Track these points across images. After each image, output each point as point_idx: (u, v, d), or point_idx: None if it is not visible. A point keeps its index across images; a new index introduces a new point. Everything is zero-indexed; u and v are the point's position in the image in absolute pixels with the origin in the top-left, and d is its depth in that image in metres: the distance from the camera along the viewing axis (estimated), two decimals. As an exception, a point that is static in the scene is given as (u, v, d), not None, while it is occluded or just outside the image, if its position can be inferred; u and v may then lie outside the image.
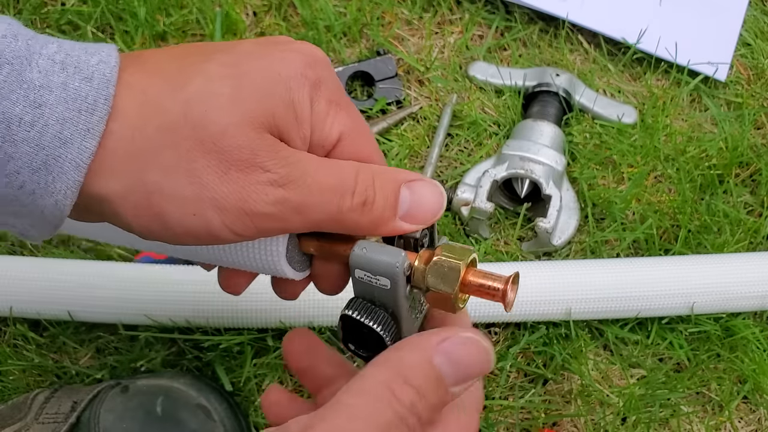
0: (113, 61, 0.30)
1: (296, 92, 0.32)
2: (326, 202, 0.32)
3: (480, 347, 0.33)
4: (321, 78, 0.34)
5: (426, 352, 0.32)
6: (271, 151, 0.31)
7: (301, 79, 0.33)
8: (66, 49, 0.29)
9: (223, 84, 0.31)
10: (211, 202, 0.31)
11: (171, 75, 0.31)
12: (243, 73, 0.32)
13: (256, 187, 0.31)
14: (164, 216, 0.31)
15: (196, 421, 0.52)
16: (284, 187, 0.31)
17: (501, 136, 0.69)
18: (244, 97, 0.31)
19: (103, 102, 0.29)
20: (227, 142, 0.30)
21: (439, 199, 0.35)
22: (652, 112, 0.70)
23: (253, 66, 0.32)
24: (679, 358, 0.62)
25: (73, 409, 0.52)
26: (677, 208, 0.66)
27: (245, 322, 0.58)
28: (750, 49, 0.75)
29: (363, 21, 0.73)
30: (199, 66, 0.32)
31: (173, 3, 0.72)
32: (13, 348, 0.60)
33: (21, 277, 0.58)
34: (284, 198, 0.31)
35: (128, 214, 0.31)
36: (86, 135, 0.29)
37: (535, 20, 0.75)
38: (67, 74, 0.29)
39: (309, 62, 0.33)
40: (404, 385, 0.31)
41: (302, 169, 0.32)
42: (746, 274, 0.61)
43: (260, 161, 0.31)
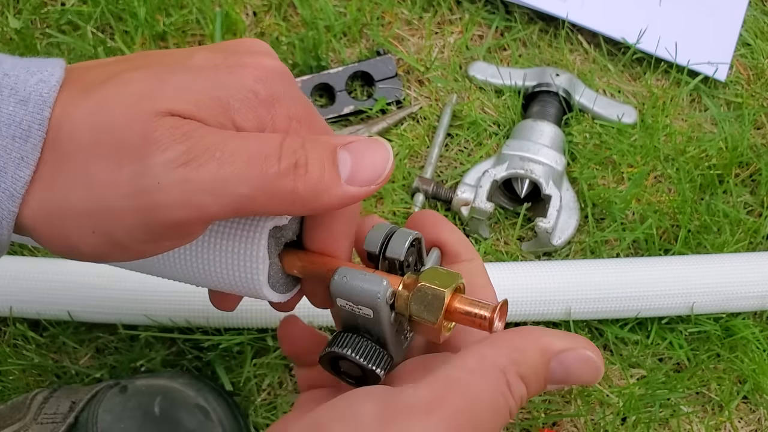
0: (54, 80, 0.28)
1: (236, 100, 0.29)
2: (246, 172, 0.27)
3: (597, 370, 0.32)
4: (275, 94, 0.30)
5: (546, 356, 0.31)
6: (168, 128, 0.27)
7: (248, 93, 0.29)
8: (5, 69, 0.27)
9: (137, 87, 0.28)
10: (106, 213, 0.27)
11: (91, 84, 0.28)
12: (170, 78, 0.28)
13: (155, 172, 0.27)
14: (67, 237, 0.28)
15: (194, 421, 0.52)
16: (186, 165, 0.27)
17: (501, 136, 0.69)
18: (159, 94, 0.28)
19: (37, 128, 0.27)
20: (126, 136, 0.27)
21: (384, 154, 0.30)
22: (651, 112, 0.70)
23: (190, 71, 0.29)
24: (679, 358, 0.62)
25: (72, 409, 0.52)
26: (677, 208, 0.66)
27: (245, 322, 0.58)
28: (750, 49, 0.75)
29: (363, 21, 0.73)
30: (121, 75, 0.29)
31: (173, 3, 0.72)
32: (13, 348, 0.60)
33: (21, 277, 0.58)
34: (188, 178, 0.27)
35: (44, 240, 0.29)
36: (20, 164, 0.27)
37: (535, 20, 0.75)
38: (2, 97, 0.27)
39: (262, 77, 0.30)
40: (520, 381, 0.30)
41: (208, 142, 0.27)
42: (746, 274, 0.61)
43: (154, 140, 0.27)
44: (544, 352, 0.31)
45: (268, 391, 0.60)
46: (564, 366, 0.31)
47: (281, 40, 0.72)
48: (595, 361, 0.31)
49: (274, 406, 0.59)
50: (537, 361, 0.30)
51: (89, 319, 0.59)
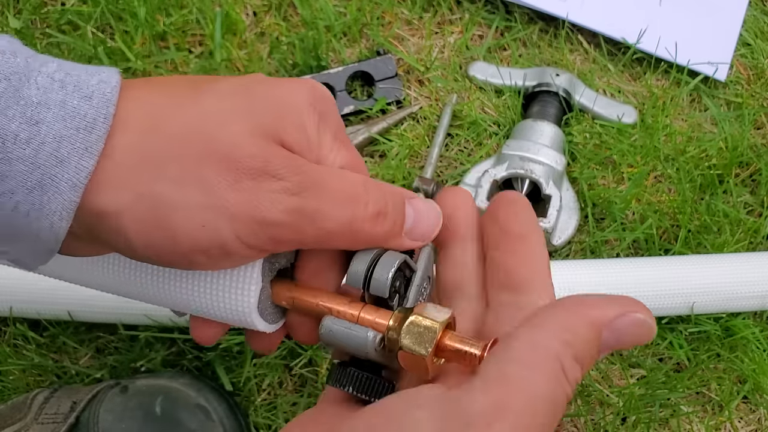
0: (114, 81, 0.29)
1: (306, 119, 0.32)
2: (340, 211, 0.31)
3: (650, 330, 0.30)
4: (326, 112, 0.33)
5: (598, 329, 0.29)
6: (284, 159, 0.30)
7: (310, 109, 0.32)
8: (66, 69, 0.29)
9: (235, 101, 0.31)
10: (221, 211, 0.29)
11: (181, 92, 0.31)
12: (254, 94, 0.31)
13: (269, 195, 0.30)
14: (171, 227, 0.29)
15: (195, 421, 0.52)
16: (298, 195, 0.30)
17: (501, 136, 0.69)
18: (258, 111, 0.31)
19: (102, 120, 0.28)
20: (239, 152, 0.30)
21: (437, 217, 0.35)
22: (652, 112, 0.70)
23: (263, 89, 0.32)
24: (679, 358, 0.62)
25: (73, 409, 0.52)
26: (677, 208, 0.66)
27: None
28: (750, 49, 0.75)
29: (363, 21, 0.73)
30: (210, 85, 0.31)
31: (173, 3, 0.72)
32: (13, 348, 0.60)
33: (21, 277, 0.58)
34: (299, 206, 0.30)
35: (131, 229, 0.29)
36: (84, 154, 0.28)
37: (535, 20, 0.75)
38: (66, 92, 0.28)
39: (316, 96, 0.33)
40: (575, 363, 0.29)
41: (316, 177, 0.31)
42: (746, 274, 0.61)
43: (273, 169, 0.30)
44: (595, 325, 0.29)
45: (268, 391, 0.60)
46: (616, 333, 0.30)
47: (281, 40, 0.72)
48: (647, 322, 0.30)
49: (274, 406, 0.59)
50: (590, 338, 0.29)
51: (89, 319, 0.59)
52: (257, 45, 0.72)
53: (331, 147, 0.33)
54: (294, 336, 0.37)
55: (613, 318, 0.30)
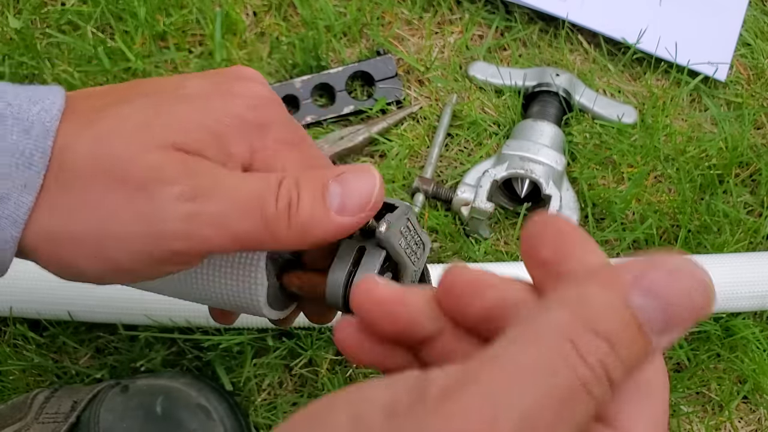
0: (56, 108, 0.29)
1: (230, 128, 0.30)
2: (247, 212, 0.30)
3: (696, 278, 0.22)
4: (266, 119, 0.32)
5: (619, 290, 0.21)
6: (178, 164, 0.29)
7: (238, 120, 0.31)
8: (8, 99, 0.28)
9: (138, 113, 0.29)
10: (114, 237, 0.29)
11: (88, 115, 0.30)
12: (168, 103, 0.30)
13: (163, 205, 0.28)
14: (69, 261, 0.30)
15: (195, 420, 0.52)
16: (194, 200, 0.29)
17: (501, 136, 0.69)
18: (157, 123, 0.29)
19: (40, 156, 0.28)
20: (132, 168, 0.28)
21: (370, 182, 0.32)
22: (652, 112, 0.70)
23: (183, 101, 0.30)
24: (679, 358, 0.62)
25: (73, 408, 0.52)
26: (677, 208, 0.66)
27: (245, 322, 0.58)
28: (750, 49, 0.75)
29: (363, 21, 0.73)
30: (118, 105, 0.30)
31: (173, 3, 0.72)
32: (13, 348, 0.60)
33: (21, 277, 0.58)
34: (195, 211, 0.29)
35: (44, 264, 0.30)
36: (23, 191, 0.28)
37: (535, 20, 0.75)
38: (5, 126, 0.28)
39: (252, 105, 0.31)
40: (590, 335, 0.20)
41: (214, 179, 0.29)
42: (746, 274, 0.61)
43: (165, 176, 0.29)
44: (613, 286, 0.21)
45: (268, 391, 0.60)
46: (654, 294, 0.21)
47: (281, 40, 0.72)
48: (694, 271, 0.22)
49: (274, 406, 0.59)
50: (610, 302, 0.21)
51: (89, 319, 0.59)
52: (257, 45, 0.72)
53: (275, 154, 0.32)
54: (309, 318, 0.37)
55: (635, 278, 0.21)
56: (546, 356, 0.20)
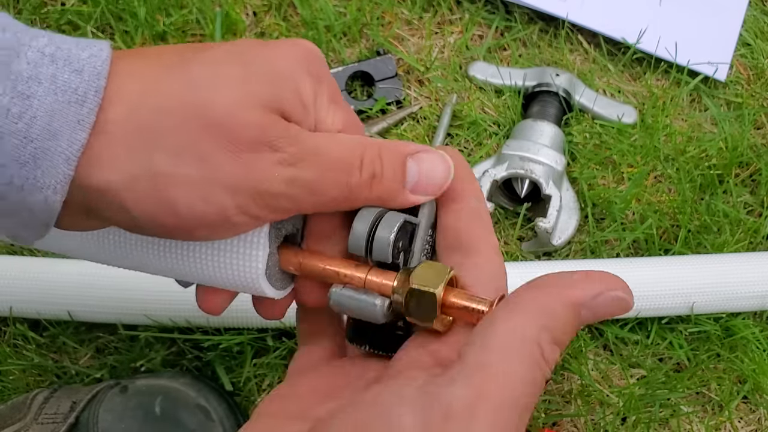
0: (105, 54, 0.29)
1: (302, 83, 0.32)
2: (336, 179, 0.32)
3: (627, 305, 0.30)
4: (322, 75, 0.33)
5: (576, 307, 0.30)
6: (280, 129, 0.30)
7: (305, 73, 0.32)
8: (56, 42, 0.28)
9: (228, 67, 0.30)
10: (222, 185, 0.30)
11: (172, 61, 0.30)
12: (248, 60, 0.31)
13: (268, 167, 0.30)
14: (173, 202, 0.29)
15: (195, 421, 0.52)
16: (295, 165, 0.31)
17: (501, 136, 0.69)
18: (252, 80, 0.30)
19: (93, 94, 0.28)
20: (235, 122, 0.29)
21: (445, 168, 0.34)
22: (652, 112, 0.70)
23: (257, 55, 0.31)
24: (679, 358, 0.62)
25: (72, 409, 0.52)
26: (677, 208, 0.66)
27: (245, 322, 0.58)
28: (750, 49, 0.75)
29: (363, 21, 0.73)
30: (202, 53, 0.31)
31: (173, 3, 0.72)
32: (13, 348, 0.60)
33: (21, 277, 0.58)
34: (296, 177, 0.31)
35: (132, 204, 0.29)
36: (76, 127, 0.28)
37: (535, 20, 0.75)
38: (57, 66, 0.28)
39: (311, 59, 0.33)
40: (554, 346, 0.29)
41: (312, 146, 0.31)
42: (746, 274, 0.61)
43: (270, 140, 0.30)
44: (574, 306, 0.30)
45: (268, 391, 0.60)
46: (594, 311, 0.30)
47: (281, 40, 0.72)
48: (625, 299, 0.30)
49: (274, 406, 0.59)
50: (568, 319, 0.29)
51: (89, 319, 0.59)
52: (257, 45, 0.72)
53: (328, 109, 0.34)
54: (302, 301, 0.37)
55: (593, 297, 0.30)
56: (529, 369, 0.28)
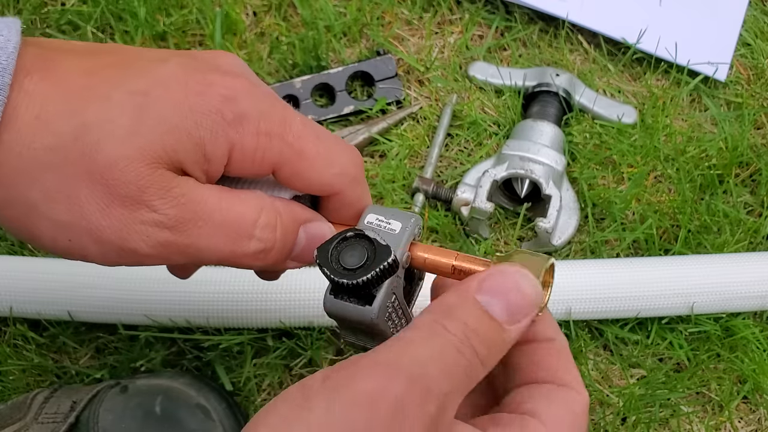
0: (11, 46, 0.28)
1: (206, 130, 0.30)
2: (218, 248, 0.31)
3: (524, 277, 0.30)
4: (243, 113, 0.31)
5: (467, 293, 0.30)
6: (161, 188, 0.29)
7: (215, 117, 0.31)
8: None
9: (123, 113, 0.29)
10: (88, 233, 0.29)
11: (74, 92, 0.29)
12: (149, 103, 0.30)
13: (139, 227, 0.29)
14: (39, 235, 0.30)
15: (195, 420, 0.52)
16: (171, 229, 0.30)
17: (501, 136, 0.69)
18: (144, 131, 0.29)
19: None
20: (115, 176, 0.29)
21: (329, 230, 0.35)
22: (652, 112, 0.70)
23: (163, 97, 0.30)
24: (679, 358, 0.62)
25: (72, 408, 0.52)
26: (677, 208, 0.66)
27: (245, 322, 0.58)
28: (750, 49, 0.75)
29: (363, 21, 0.73)
30: (105, 88, 0.30)
31: (173, 3, 0.72)
32: (13, 348, 0.60)
33: (21, 277, 0.58)
34: (169, 241, 0.30)
35: (5, 222, 0.30)
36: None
37: (535, 20, 0.75)
38: None
39: (229, 97, 0.31)
40: (452, 319, 0.29)
41: (195, 209, 0.30)
42: (746, 274, 0.61)
43: (147, 199, 0.29)
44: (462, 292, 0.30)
45: (268, 391, 0.60)
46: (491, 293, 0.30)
47: (281, 40, 0.72)
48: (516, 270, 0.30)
49: (274, 406, 0.59)
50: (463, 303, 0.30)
51: (89, 319, 0.59)
52: (257, 45, 0.72)
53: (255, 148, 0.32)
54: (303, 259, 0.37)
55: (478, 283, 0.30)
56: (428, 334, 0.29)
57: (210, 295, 0.57)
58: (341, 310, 0.33)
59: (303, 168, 0.33)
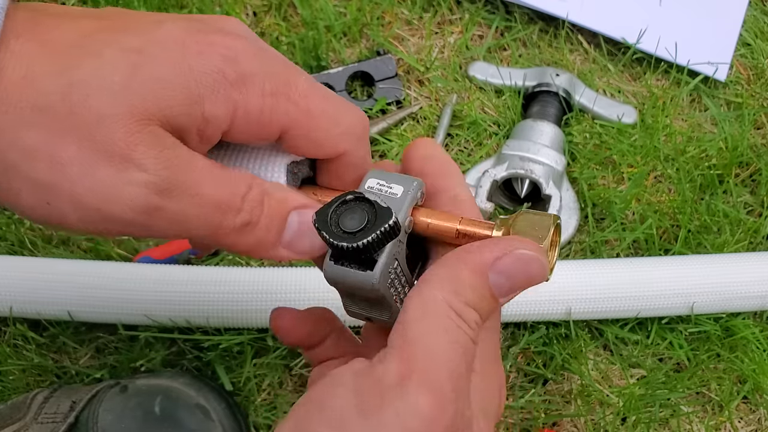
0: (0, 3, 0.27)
1: (206, 88, 0.29)
2: (206, 218, 0.29)
3: (540, 266, 0.30)
4: (246, 73, 0.30)
5: (483, 271, 0.30)
6: (153, 147, 0.28)
7: (217, 77, 0.29)
8: None
9: (115, 70, 0.28)
10: (68, 196, 0.27)
11: (63, 52, 0.28)
12: (144, 61, 0.28)
13: (126, 189, 0.27)
14: (16, 197, 0.28)
15: (194, 420, 0.52)
16: (161, 193, 0.28)
17: (501, 136, 0.69)
18: (136, 86, 0.28)
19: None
20: (102, 132, 0.27)
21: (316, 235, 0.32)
22: (652, 112, 0.70)
23: (159, 56, 0.28)
24: (679, 358, 0.62)
25: (72, 408, 0.52)
26: (677, 208, 0.66)
27: (245, 322, 0.58)
28: (750, 49, 0.75)
29: (363, 21, 0.73)
30: (97, 46, 0.28)
31: (173, 3, 0.72)
32: (13, 348, 0.60)
33: (21, 277, 0.58)
34: (156, 206, 0.28)
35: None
36: None
37: (535, 20, 0.75)
38: None
39: (231, 57, 0.30)
40: (469, 308, 0.29)
41: (186, 176, 0.29)
42: (746, 274, 0.61)
43: (137, 157, 0.27)
44: (477, 270, 0.30)
45: (268, 391, 0.60)
46: (504, 274, 0.30)
47: (281, 40, 0.72)
48: (534, 256, 0.30)
49: (274, 406, 0.59)
50: (475, 281, 0.30)
51: (89, 319, 0.59)
52: (257, 45, 0.72)
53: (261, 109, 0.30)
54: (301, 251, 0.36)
55: (494, 259, 0.30)
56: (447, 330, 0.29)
57: (210, 295, 0.57)
58: (342, 276, 0.31)
59: (310, 128, 0.32)
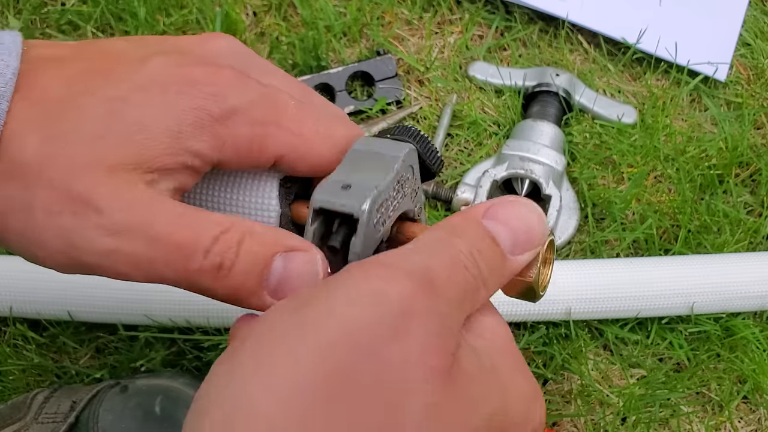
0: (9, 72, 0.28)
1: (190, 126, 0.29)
2: (168, 261, 0.28)
3: (529, 207, 0.30)
4: (231, 107, 0.30)
5: (475, 217, 0.29)
6: (113, 190, 0.28)
7: (200, 113, 0.29)
8: None
9: (93, 120, 0.28)
10: (37, 242, 0.29)
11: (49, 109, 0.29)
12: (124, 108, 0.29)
13: (85, 233, 0.28)
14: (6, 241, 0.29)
15: (195, 420, 0.52)
16: (116, 236, 0.28)
17: (501, 136, 0.69)
18: (110, 135, 0.28)
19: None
20: (71, 180, 0.28)
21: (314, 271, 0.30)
22: (652, 112, 0.70)
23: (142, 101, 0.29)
24: (679, 358, 0.62)
25: (72, 408, 0.52)
26: (677, 208, 0.66)
27: (245, 322, 0.58)
28: (750, 49, 0.75)
29: (363, 21, 0.73)
30: (80, 99, 0.29)
31: (173, 3, 0.72)
32: (13, 348, 0.60)
33: (21, 277, 0.58)
34: (114, 249, 0.28)
35: None
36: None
37: (535, 20, 0.75)
38: None
39: (214, 93, 0.29)
40: (458, 237, 0.28)
41: (143, 218, 0.28)
42: (746, 274, 0.61)
43: (95, 200, 0.28)
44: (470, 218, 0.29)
45: (268, 391, 0.60)
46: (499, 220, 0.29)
47: (281, 40, 0.72)
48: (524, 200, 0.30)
49: (274, 406, 0.59)
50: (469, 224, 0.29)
51: (89, 319, 0.59)
52: (257, 45, 0.72)
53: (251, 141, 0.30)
54: None
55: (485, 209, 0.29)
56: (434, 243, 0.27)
57: (210, 295, 0.57)
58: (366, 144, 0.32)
59: (305, 151, 0.31)
